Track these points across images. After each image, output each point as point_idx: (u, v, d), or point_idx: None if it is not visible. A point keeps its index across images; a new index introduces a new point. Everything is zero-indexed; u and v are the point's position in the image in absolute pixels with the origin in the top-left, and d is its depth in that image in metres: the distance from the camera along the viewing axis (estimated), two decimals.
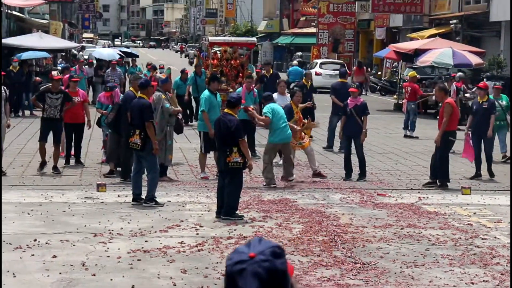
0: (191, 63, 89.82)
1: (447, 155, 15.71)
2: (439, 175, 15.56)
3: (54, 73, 17.52)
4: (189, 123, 25.21)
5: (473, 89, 21.24)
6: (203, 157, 16.23)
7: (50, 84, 17.39)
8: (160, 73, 28.45)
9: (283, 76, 28.77)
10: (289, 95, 17.96)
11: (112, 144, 15.87)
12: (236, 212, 12.24)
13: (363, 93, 37.97)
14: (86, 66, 33.23)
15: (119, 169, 15.75)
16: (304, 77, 22.77)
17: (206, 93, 16.38)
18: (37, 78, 29.28)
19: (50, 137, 16.40)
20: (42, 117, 16.62)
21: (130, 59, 39.53)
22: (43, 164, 16.15)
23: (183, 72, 26.40)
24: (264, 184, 15.29)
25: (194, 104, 25.36)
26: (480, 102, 17.14)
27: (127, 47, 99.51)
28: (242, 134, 12.39)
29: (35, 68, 33.70)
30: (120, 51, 41.75)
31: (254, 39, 30.86)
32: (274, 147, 15.53)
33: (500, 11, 36.86)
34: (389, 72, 42.55)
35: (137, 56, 42.19)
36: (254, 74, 24.10)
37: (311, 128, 17.37)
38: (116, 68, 30.90)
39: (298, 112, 16.57)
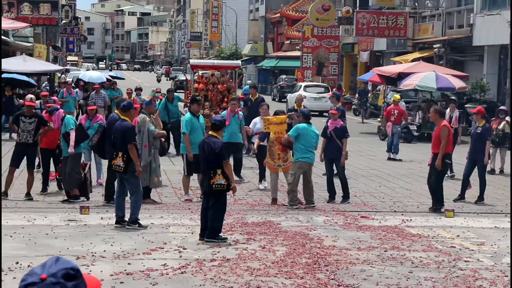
0: (158, 81, 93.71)
1: (443, 179, 15.76)
2: (434, 200, 15.56)
3: (28, 97, 17.29)
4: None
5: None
6: (187, 180, 16.24)
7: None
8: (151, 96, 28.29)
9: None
10: None
11: (71, 166, 15.56)
12: (220, 234, 12.22)
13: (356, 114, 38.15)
14: (77, 89, 33.22)
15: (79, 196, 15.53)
16: (295, 102, 22.48)
17: (187, 115, 16.40)
18: (21, 100, 29.19)
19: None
20: (16, 141, 16.45)
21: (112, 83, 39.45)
22: (4, 193, 15.62)
23: (170, 91, 25.04)
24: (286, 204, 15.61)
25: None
26: (476, 127, 17.25)
27: (110, 69, 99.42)
28: (226, 157, 12.40)
29: (19, 91, 33.60)
30: (110, 75, 41.91)
31: (238, 62, 30.29)
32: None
33: (482, 36, 37.16)
34: (372, 95, 42.70)
35: (123, 79, 42.37)
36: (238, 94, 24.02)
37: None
38: (100, 91, 30.85)
39: (277, 132, 16.27)
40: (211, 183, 12.17)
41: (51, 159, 16.67)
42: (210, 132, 12.74)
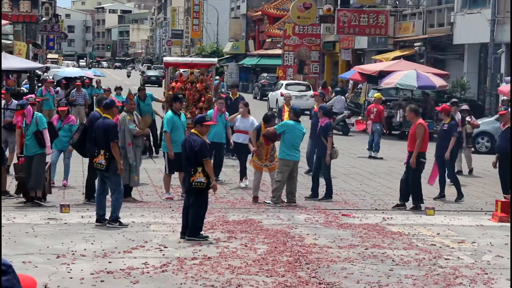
0: (128, 76, 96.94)
1: (420, 177, 15.79)
2: (413, 198, 15.59)
3: None
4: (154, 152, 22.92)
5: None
6: (168, 178, 16.20)
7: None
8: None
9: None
10: (251, 117, 18.06)
11: (28, 168, 15.05)
12: (201, 232, 12.21)
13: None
14: (58, 88, 33.03)
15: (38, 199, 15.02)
16: (284, 102, 22.32)
17: (169, 113, 16.34)
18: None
19: None
20: None
21: (95, 80, 39.35)
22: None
23: (141, 90, 24.19)
24: (269, 201, 15.57)
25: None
26: (442, 124, 17.25)
27: (90, 67, 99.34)
28: (207, 154, 12.35)
29: None
30: (91, 73, 41.87)
31: (214, 59, 28.98)
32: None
33: (463, 34, 37.33)
34: (353, 94, 42.78)
35: (104, 76, 42.28)
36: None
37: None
38: (81, 89, 30.71)
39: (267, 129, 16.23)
40: (191, 181, 12.16)
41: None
42: (192, 130, 12.72)
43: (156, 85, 74.14)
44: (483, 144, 27.15)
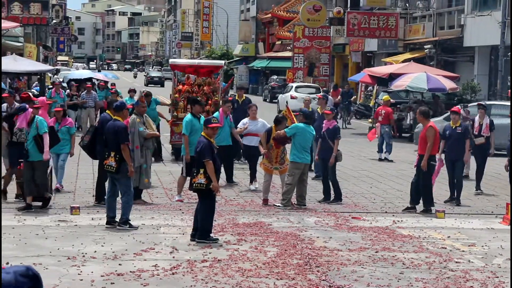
0: (135, 77, 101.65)
1: (431, 179, 15.76)
2: (424, 201, 15.55)
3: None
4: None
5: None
6: (183, 180, 16.04)
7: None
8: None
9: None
10: (260, 120, 18.04)
11: (27, 174, 14.56)
12: (211, 235, 12.20)
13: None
14: (68, 90, 33.08)
15: (37, 203, 14.60)
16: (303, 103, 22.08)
17: (188, 116, 16.36)
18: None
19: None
20: (11, 141, 15.47)
21: (110, 83, 39.31)
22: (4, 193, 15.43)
23: (147, 95, 23.15)
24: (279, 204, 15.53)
25: None
26: (453, 127, 17.12)
27: (99, 70, 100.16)
28: (206, 156, 12.27)
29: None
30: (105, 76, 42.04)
31: (221, 61, 28.24)
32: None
33: (473, 37, 37.26)
34: (364, 96, 42.74)
35: (117, 79, 42.55)
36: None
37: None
38: (91, 91, 30.77)
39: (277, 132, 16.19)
40: (192, 182, 12.20)
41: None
42: (202, 133, 12.77)
43: (159, 85, 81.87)
44: None
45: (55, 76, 49.61)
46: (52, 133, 15.13)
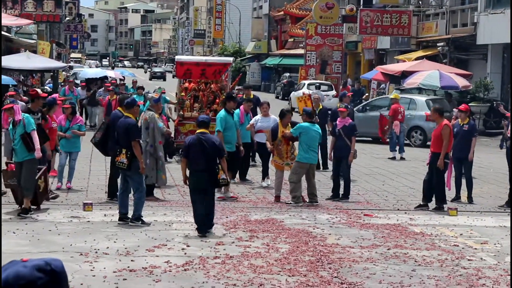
0: (145, 72, 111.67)
1: (444, 177, 15.74)
2: (437, 199, 15.52)
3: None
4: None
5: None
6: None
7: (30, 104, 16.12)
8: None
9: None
10: (272, 116, 17.99)
11: (19, 176, 13.88)
12: (214, 225, 12.62)
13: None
14: (79, 88, 33.21)
15: (33, 207, 13.95)
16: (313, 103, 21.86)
17: (222, 112, 16.40)
18: (24, 97, 29.18)
19: None
20: None
21: (132, 80, 39.23)
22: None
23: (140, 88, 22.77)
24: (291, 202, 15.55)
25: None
26: (461, 125, 17.05)
27: (113, 67, 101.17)
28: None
29: (22, 88, 33.64)
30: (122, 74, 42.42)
31: (230, 59, 26.92)
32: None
33: (486, 35, 37.12)
34: (376, 94, 42.67)
35: (134, 76, 42.89)
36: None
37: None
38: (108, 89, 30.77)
39: (284, 132, 16.21)
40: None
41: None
42: (198, 131, 12.82)
43: (161, 79, 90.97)
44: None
45: (70, 72, 49.74)
46: (40, 131, 14.22)
